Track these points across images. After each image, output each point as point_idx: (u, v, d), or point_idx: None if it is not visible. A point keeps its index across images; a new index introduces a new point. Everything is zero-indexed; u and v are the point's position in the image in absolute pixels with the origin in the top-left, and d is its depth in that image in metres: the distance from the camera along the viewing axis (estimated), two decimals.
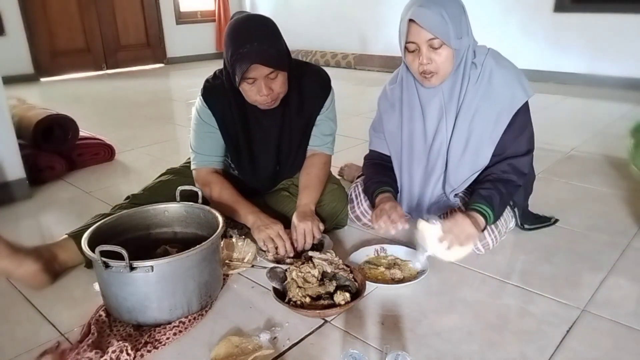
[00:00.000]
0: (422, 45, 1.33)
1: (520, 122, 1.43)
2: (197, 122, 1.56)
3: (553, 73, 4.51)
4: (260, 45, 1.32)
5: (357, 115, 3.40)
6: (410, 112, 1.51)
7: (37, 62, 5.33)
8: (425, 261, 1.42)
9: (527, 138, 1.46)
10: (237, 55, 1.32)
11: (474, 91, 1.41)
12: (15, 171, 2.05)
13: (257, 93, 1.39)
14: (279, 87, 1.42)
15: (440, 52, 1.34)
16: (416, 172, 1.54)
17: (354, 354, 0.92)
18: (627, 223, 1.75)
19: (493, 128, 1.42)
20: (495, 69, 1.40)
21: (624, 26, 4.07)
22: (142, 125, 3.47)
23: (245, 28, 1.36)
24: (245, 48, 1.31)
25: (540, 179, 2.16)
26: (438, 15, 1.28)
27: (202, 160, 1.57)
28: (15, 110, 2.42)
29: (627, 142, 1.99)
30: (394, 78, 1.57)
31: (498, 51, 1.46)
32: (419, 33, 1.32)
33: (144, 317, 1.19)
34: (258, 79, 1.37)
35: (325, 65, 5.92)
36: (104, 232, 1.29)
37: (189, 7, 6.64)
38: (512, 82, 1.40)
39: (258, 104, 1.44)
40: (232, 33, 1.36)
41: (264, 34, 1.35)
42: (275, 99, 1.44)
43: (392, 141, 1.59)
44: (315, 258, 1.33)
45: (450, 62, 1.36)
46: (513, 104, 1.40)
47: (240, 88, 1.42)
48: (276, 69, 1.37)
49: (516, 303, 1.29)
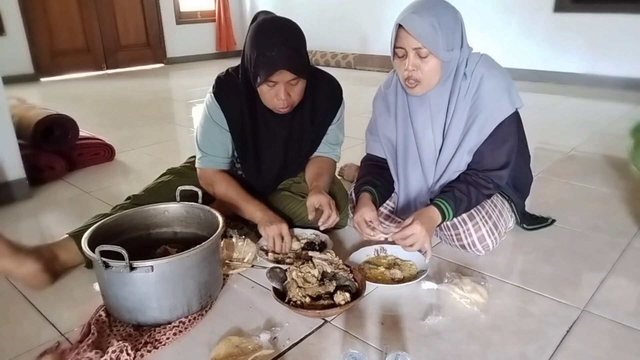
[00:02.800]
0: (410, 51, 1.32)
1: (502, 133, 1.38)
2: (206, 121, 1.55)
3: (553, 73, 4.51)
4: (289, 50, 1.34)
5: (356, 115, 3.39)
6: (404, 116, 1.50)
7: (37, 62, 5.32)
8: (426, 261, 1.42)
9: (507, 151, 1.41)
10: (264, 57, 1.33)
11: (465, 103, 1.38)
12: (15, 171, 2.05)
13: (275, 97, 1.41)
14: (297, 94, 1.44)
15: (427, 61, 1.32)
16: (411, 176, 1.53)
17: (354, 354, 0.92)
18: (627, 223, 1.75)
19: (476, 137, 1.39)
20: (484, 79, 1.36)
21: (624, 26, 4.07)
22: (142, 125, 3.47)
23: (275, 31, 1.37)
24: (274, 51, 1.32)
25: (540, 179, 2.16)
26: (429, 25, 1.26)
27: (209, 161, 1.57)
28: (15, 110, 2.42)
29: (627, 142, 1.99)
30: (389, 81, 1.55)
31: (491, 58, 1.42)
32: (407, 39, 1.30)
33: (144, 317, 1.19)
34: (279, 83, 1.38)
35: (325, 65, 5.93)
36: (104, 232, 1.29)
37: (189, 7, 6.63)
38: (500, 93, 1.36)
39: (272, 107, 1.46)
40: (259, 33, 1.37)
41: (293, 40, 1.37)
42: (290, 105, 1.45)
43: (388, 145, 1.57)
44: (315, 258, 1.33)
45: (437, 72, 1.34)
46: (497, 115, 1.37)
47: (258, 89, 1.42)
48: (299, 76, 1.39)
49: (516, 303, 1.29)
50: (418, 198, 1.55)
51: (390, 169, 1.59)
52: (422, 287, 1.34)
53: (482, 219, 1.47)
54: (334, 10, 6.01)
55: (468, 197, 1.39)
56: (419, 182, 1.53)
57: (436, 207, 1.37)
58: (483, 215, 1.47)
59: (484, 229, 1.46)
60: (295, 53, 1.36)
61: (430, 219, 1.35)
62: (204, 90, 4.45)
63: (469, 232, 1.46)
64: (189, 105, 4.22)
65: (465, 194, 1.39)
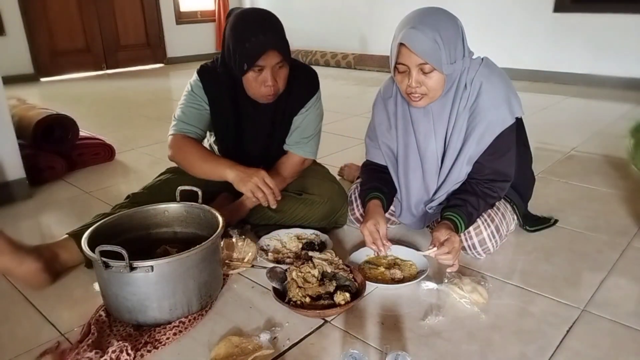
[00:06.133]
0: (413, 68, 1.29)
1: (503, 144, 1.37)
2: (187, 95, 1.57)
3: (553, 73, 4.51)
4: (275, 34, 1.38)
5: (357, 115, 3.40)
6: (405, 125, 1.48)
7: (37, 62, 5.33)
8: (426, 261, 1.42)
9: (508, 162, 1.41)
10: (250, 42, 1.35)
11: (465, 113, 1.37)
12: (15, 171, 2.05)
13: (262, 84, 1.42)
14: (282, 80, 1.46)
15: (431, 76, 1.29)
16: (413, 184, 1.52)
17: (354, 354, 0.92)
18: (627, 223, 1.75)
19: (474, 147, 1.37)
20: (484, 87, 1.33)
21: (624, 26, 4.07)
22: (142, 125, 3.47)
23: (258, 17, 1.40)
24: (260, 36, 1.35)
25: (540, 179, 2.16)
26: (431, 41, 1.23)
27: (182, 128, 1.54)
28: (15, 110, 2.42)
29: (627, 142, 1.99)
30: (389, 89, 1.51)
31: (492, 62, 1.39)
32: (409, 56, 1.27)
33: (144, 317, 1.19)
34: (266, 68, 1.39)
35: (325, 65, 5.93)
36: (104, 232, 1.29)
37: (189, 7, 6.64)
38: (499, 103, 1.34)
39: (258, 96, 1.47)
40: (241, 22, 1.39)
41: (275, 25, 1.41)
42: (276, 93, 1.46)
43: (388, 152, 1.56)
44: (315, 258, 1.33)
45: (441, 85, 1.32)
46: (496, 126, 1.34)
47: (244, 78, 1.43)
48: (285, 59, 1.41)
49: (516, 303, 1.29)
50: (418, 206, 1.55)
51: (392, 176, 1.57)
52: (422, 287, 1.34)
53: (484, 222, 1.46)
54: (334, 10, 6.01)
55: (477, 212, 1.40)
56: (420, 191, 1.52)
57: (451, 222, 1.37)
58: (485, 219, 1.47)
59: (485, 233, 1.46)
60: (280, 36, 1.40)
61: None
62: None
63: (469, 234, 1.46)
64: None
65: (476, 208, 1.39)
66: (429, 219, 1.61)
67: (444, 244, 1.29)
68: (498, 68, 1.40)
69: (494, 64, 1.40)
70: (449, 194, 1.47)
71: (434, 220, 1.61)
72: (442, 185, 1.47)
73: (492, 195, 1.41)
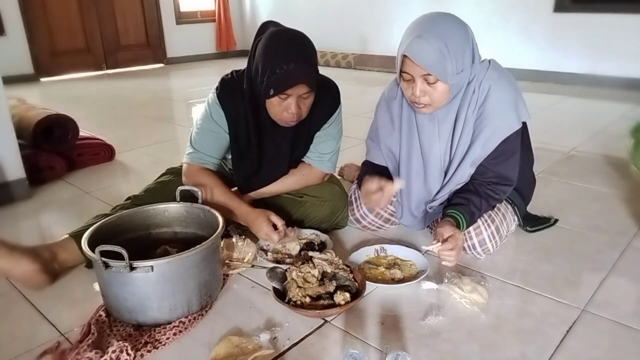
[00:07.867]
0: (417, 78, 1.28)
1: (508, 147, 1.37)
2: (204, 119, 1.52)
3: (553, 73, 4.51)
4: (305, 65, 1.33)
5: (357, 115, 3.40)
6: (409, 129, 1.47)
7: (37, 62, 5.32)
8: (426, 261, 1.42)
9: (512, 165, 1.41)
10: (281, 70, 1.30)
11: (473, 116, 1.36)
12: (15, 171, 2.04)
13: (285, 110, 1.38)
14: (307, 107, 1.43)
15: (435, 87, 1.28)
16: (414, 187, 1.52)
17: (354, 354, 0.92)
18: (627, 223, 1.75)
19: (480, 150, 1.37)
20: (491, 92, 1.32)
21: (624, 26, 4.08)
22: (142, 125, 3.47)
23: (291, 44, 1.35)
24: (291, 65, 1.30)
25: (540, 179, 2.16)
26: (436, 52, 1.21)
27: (198, 158, 1.53)
28: (15, 110, 2.42)
29: (627, 142, 1.99)
30: (393, 91, 1.50)
31: (499, 64, 1.38)
32: (413, 67, 1.26)
33: (144, 317, 1.19)
34: (292, 96, 1.36)
35: (325, 65, 5.94)
36: (104, 232, 1.29)
37: (189, 7, 6.64)
38: (506, 107, 1.33)
39: (279, 119, 1.44)
40: (273, 45, 1.34)
41: (308, 54, 1.36)
42: (298, 120, 1.44)
43: (389, 154, 1.56)
44: (315, 258, 1.33)
45: (446, 96, 1.31)
46: (504, 130, 1.34)
47: (267, 101, 1.40)
48: (313, 89, 1.38)
49: (516, 303, 1.29)
50: (419, 206, 1.55)
51: (393, 178, 1.57)
52: (422, 287, 1.34)
53: (484, 222, 1.46)
54: (334, 10, 6.01)
55: (479, 212, 1.40)
56: (421, 192, 1.52)
57: (454, 220, 1.36)
58: (486, 219, 1.47)
59: (485, 233, 1.46)
60: (311, 68, 1.36)
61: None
62: (204, 90, 4.47)
63: (469, 234, 1.46)
64: (189, 105, 4.22)
65: (479, 209, 1.39)
66: (430, 219, 1.61)
67: (447, 240, 1.29)
68: (506, 71, 1.39)
69: (501, 66, 1.39)
70: (451, 194, 1.47)
71: (435, 220, 1.61)
72: (445, 186, 1.47)
73: (494, 197, 1.41)
